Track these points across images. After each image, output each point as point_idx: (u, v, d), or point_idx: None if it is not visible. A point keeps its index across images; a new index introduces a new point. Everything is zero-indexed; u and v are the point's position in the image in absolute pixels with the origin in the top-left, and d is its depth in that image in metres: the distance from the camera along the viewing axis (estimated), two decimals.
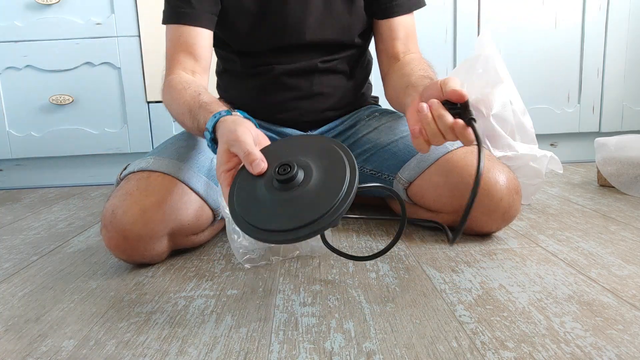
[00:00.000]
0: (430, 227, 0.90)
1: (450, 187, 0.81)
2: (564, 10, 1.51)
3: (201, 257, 0.80)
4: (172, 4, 0.88)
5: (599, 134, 1.59)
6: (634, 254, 0.73)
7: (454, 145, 0.83)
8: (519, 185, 0.81)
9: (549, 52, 1.53)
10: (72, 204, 1.29)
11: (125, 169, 0.81)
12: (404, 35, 0.94)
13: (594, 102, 1.56)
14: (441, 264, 0.72)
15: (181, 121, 0.80)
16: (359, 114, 1.02)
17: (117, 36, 1.46)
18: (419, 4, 0.96)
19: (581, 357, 0.47)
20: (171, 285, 0.69)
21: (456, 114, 0.61)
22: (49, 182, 1.58)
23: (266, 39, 0.92)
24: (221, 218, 0.84)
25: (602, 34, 1.53)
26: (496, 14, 1.50)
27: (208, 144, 0.69)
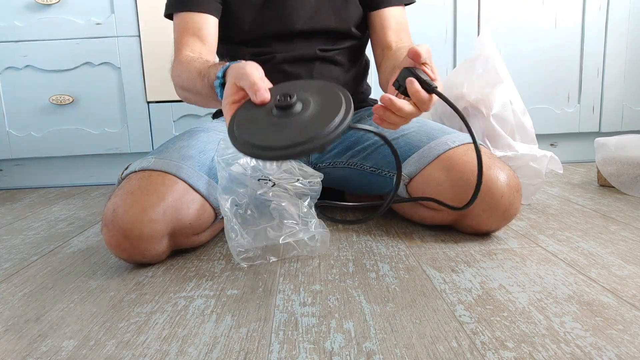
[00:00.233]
0: (431, 227, 0.90)
1: (451, 183, 0.81)
2: (564, 10, 1.51)
3: (201, 257, 0.80)
4: None
5: (599, 134, 1.59)
6: (634, 254, 0.73)
7: (455, 142, 0.84)
8: (520, 184, 0.82)
9: (549, 52, 1.53)
10: (72, 204, 1.29)
11: (126, 168, 0.82)
12: (395, 26, 0.97)
13: (594, 102, 1.56)
14: (441, 264, 0.72)
15: (191, 86, 0.82)
16: (360, 113, 1.03)
17: (117, 36, 1.46)
18: None
19: (581, 357, 0.47)
20: (171, 285, 0.69)
21: (423, 83, 0.65)
22: (49, 182, 1.58)
23: (268, 26, 0.95)
24: (221, 218, 0.84)
25: (602, 34, 1.53)
26: (496, 14, 1.50)
27: (217, 90, 0.71)
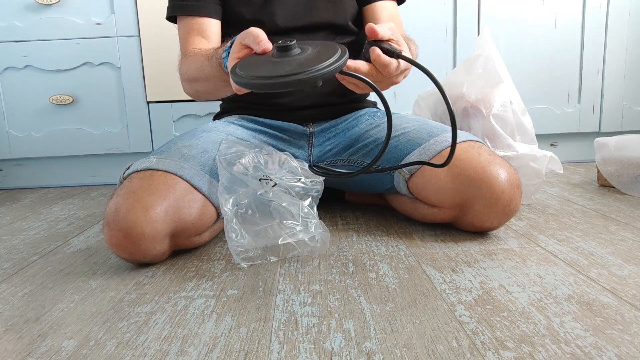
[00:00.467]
0: (431, 227, 0.90)
1: (452, 179, 0.82)
2: (563, 10, 1.51)
3: (201, 257, 0.80)
4: None
5: (599, 134, 1.59)
6: (634, 254, 0.73)
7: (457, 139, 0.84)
8: (520, 180, 0.82)
9: (549, 52, 1.53)
10: (72, 204, 1.29)
11: (128, 168, 0.82)
12: (387, 18, 0.99)
13: (594, 102, 1.56)
14: (441, 264, 0.72)
15: (200, 73, 0.84)
16: (361, 112, 1.03)
17: (117, 36, 1.46)
18: None
19: (581, 357, 0.47)
20: (171, 285, 0.69)
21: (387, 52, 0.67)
22: (49, 182, 1.58)
23: (268, 23, 0.95)
24: (222, 218, 0.84)
25: (602, 34, 1.53)
26: (496, 14, 1.50)
27: (225, 63, 0.73)
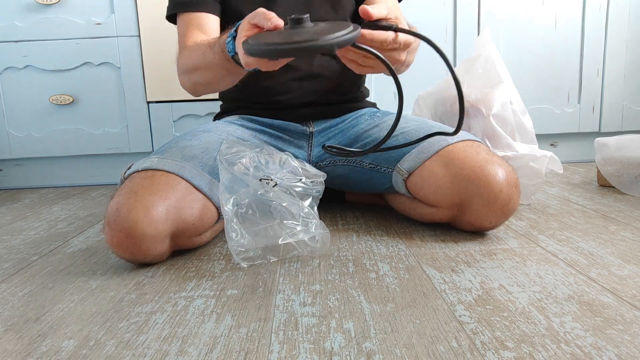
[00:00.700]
0: (431, 226, 0.90)
1: (450, 179, 0.82)
2: (563, 10, 1.51)
3: (201, 257, 0.80)
4: None
5: (599, 134, 1.59)
6: (634, 254, 0.73)
7: (455, 138, 0.85)
8: (518, 179, 0.82)
9: (549, 52, 1.53)
10: (72, 204, 1.29)
11: (129, 168, 0.82)
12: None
13: (594, 102, 1.56)
14: (441, 264, 0.72)
15: (201, 62, 0.81)
16: (361, 112, 1.04)
17: (117, 36, 1.46)
18: None
19: (581, 357, 0.47)
20: (171, 285, 0.69)
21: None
22: (49, 182, 1.58)
23: None
24: (222, 218, 0.84)
25: (602, 34, 1.52)
26: (496, 14, 1.50)
27: (228, 47, 0.71)
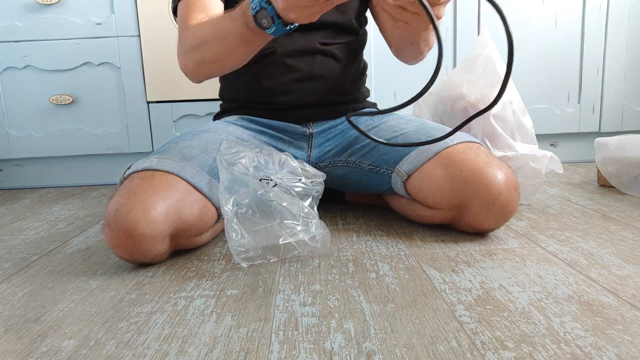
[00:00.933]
0: (431, 227, 0.90)
1: (449, 180, 0.82)
2: (563, 10, 1.51)
3: (201, 257, 0.80)
4: None
5: (599, 134, 1.59)
6: (634, 254, 0.73)
7: (454, 140, 0.85)
8: (517, 182, 0.82)
9: (549, 52, 1.53)
10: (72, 204, 1.29)
11: (128, 168, 0.82)
12: None
13: (594, 102, 1.56)
14: (441, 264, 0.72)
15: (214, 32, 0.79)
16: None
17: (117, 36, 1.46)
18: None
19: (581, 357, 0.47)
20: (171, 285, 0.69)
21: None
22: (49, 182, 1.58)
23: None
24: (222, 218, 0.84)
25: (602, 34, 1.53)
26: (496, 14, 1.50)
27: (253, 11, 0.68)
